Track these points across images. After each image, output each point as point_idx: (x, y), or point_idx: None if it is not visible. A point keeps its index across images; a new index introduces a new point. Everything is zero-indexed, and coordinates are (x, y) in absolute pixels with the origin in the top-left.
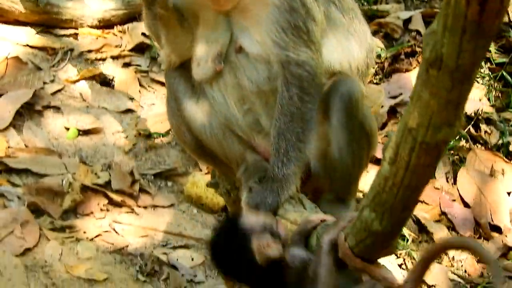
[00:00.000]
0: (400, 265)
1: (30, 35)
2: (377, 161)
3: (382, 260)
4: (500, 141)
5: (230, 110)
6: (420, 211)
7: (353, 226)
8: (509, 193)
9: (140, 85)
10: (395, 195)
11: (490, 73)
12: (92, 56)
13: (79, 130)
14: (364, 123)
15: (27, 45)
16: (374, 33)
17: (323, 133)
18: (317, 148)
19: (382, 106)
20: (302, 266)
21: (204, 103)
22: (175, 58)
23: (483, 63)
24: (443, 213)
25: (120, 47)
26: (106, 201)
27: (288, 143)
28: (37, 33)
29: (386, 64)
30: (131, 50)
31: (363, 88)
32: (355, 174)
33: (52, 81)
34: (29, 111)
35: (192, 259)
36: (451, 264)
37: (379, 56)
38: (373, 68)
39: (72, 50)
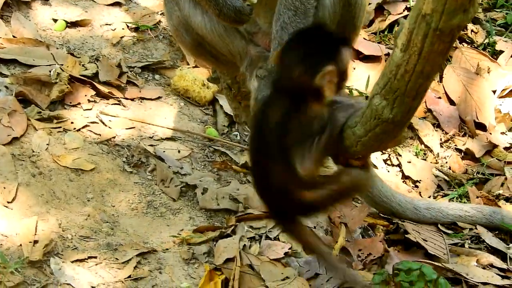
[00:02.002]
0: (385, 161)
1: None
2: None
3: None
4: (486, 41)
5: None
6: None
7: (362, 115)
8: (494, 91)
9: None
10: (407, 83)
11: None
12: None
13: (67, 22)
14: None
15: None
16: None
17: None
18: None
19: (369, 4)
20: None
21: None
22: None
23: None
24: (429, 110)
25: None
26: (93, 93)
27: None
28: None
29: None
30: None
31: None
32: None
33: None
34: (17, 2)
35: (179, 151)
36: (436, 161)
37: None
38: None
39: None
